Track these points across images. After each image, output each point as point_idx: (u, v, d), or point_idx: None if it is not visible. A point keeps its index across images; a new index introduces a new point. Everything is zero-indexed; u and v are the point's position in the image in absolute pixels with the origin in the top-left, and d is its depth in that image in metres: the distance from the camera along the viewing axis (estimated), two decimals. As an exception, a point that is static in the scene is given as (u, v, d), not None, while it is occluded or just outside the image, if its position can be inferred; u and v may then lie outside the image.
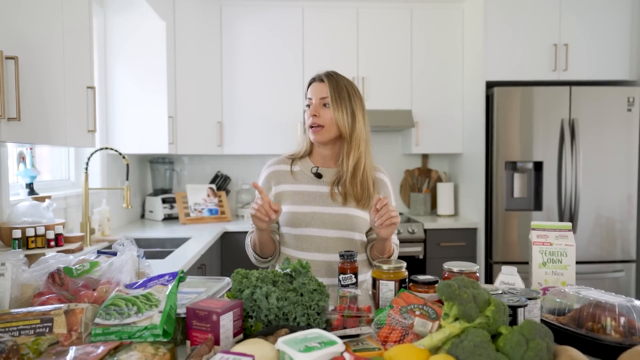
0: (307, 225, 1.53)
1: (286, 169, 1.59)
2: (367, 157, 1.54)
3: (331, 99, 1.48)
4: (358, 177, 1.52)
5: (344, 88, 1.51)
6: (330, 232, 1.53)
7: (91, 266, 1.36)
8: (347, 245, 1.54)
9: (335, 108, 1.48)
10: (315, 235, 1.53)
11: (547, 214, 3.14)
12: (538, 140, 3.11)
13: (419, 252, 3.27)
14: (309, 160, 1.60)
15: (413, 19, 3.56)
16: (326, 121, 1.49)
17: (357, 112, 1.51)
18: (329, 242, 1.53)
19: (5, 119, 1.22)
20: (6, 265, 1.08)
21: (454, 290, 0.91)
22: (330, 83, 1.50)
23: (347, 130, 1.49)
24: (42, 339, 0.92)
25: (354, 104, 1.51)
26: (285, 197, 1.56)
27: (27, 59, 1.37)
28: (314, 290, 1.11)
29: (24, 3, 1.38)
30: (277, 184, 1.58)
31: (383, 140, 3.93)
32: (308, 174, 1.57)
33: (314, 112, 1.49)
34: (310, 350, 0.85)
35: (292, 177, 1.58)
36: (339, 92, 1.49)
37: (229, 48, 3.49)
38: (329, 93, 1.49)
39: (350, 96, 1.51)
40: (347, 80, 1.54)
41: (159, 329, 0.96)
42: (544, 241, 1.23)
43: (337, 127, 1.49)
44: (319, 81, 1.53)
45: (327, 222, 1.52)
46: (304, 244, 1.54)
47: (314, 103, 1.51)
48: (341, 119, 1.48)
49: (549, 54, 3.19)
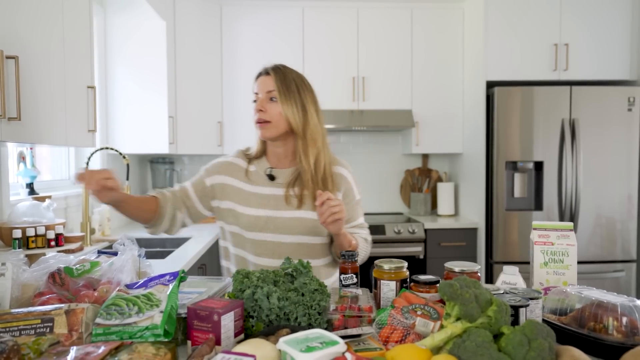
0: (261, 229, 1.44)
1: (242, 166, 1.50)
2: (325, 153, 1.45)
3: (278, 92, 1.39)
4: (320, 175, 1.43)
5: (292, 81, 1.41)
6: (285, 237, 1.44)
7: (92, 266, 1.35)
8: (304, 251, 1.46)
9: (283, 101, 1.39)
10: (269, 240, 1.44)
11: (547, 213, 3.13)
12: (538, 140, 3.11)
13: (420, 252, 3.27)
14: (265, 160, 1.50)
15: (413, 19, 3.56)
16: (273, 116, 1.40)
17: (308, 105, 1.41)
18: (284, 247, 1.44)
19: (5, 118, 1.22)
20: (7, 265, 1.08)
21: (455, 290, 0.91)
22: (276, 76, 1.41)
23: (299, 125, 1.40)
24: (42, 339, 0.91)
25: (304, 97, 1.41)
26: (235, 194, 1.46)
27: (28, 58, 1.37)
28: (315, 290, 1.11)
29: (24, 3, 1.38)
30: (229, 175, 1.48)
31: (383, 140, 3.93)
32: (263, 175, 1.48)
33: (260, 106, 1.40)
34: (312, 350, 0.84)
35: (246, 177, 1.48)
36: (287, 85, 1.40)
37: (229, 48, 3.49)
38: (275, 86, 1.40)
39: (299, 89, 1.41)
40: (296, 73, 1.45)
41: (159, 329, 0.95)
42: (545, 241, 1.23)
43: (287, 122, 1.40)
44: (265, 74, 1.44)
45: (281, 227, 1.44)
46: (259, 249, 1.45)
47: (260, 97, 1.42)
48: (291, 113, 1.39)
49: (550, 53, 3.19)
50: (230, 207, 1.46)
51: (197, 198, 1.48)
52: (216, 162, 1.52)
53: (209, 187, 1.48)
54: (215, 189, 1.48)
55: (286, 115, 1.38)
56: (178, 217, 1.47)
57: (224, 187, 1.47)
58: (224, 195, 1.47)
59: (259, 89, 1.43)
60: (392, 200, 3.96)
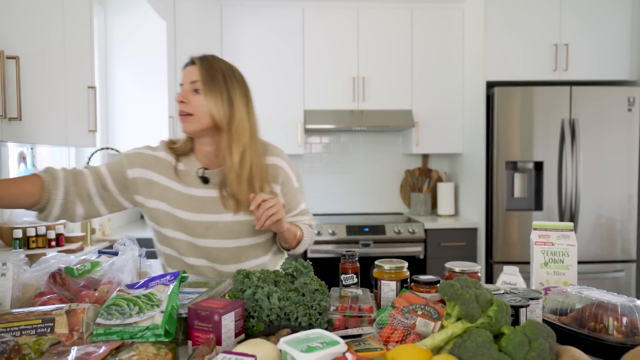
0: (200, 236, 1.35)
1: (170, 163, 1.37)
2: (253, 151, 1.33)
3: (202, 82, 1.27)
4: (245, 174, 1.31)
5: (219, 71, 1.30)
6: (227, 242, 1.36)
7: (92, 266, 1.36)
8: (249, 251, 1.39)
9: (207, 93, 1.27)
10: (210, 246, 1.36)
11: (547, 213, 3.14)
12: (538, 140, 3.11)
13: (420, 252, 3.27)
14: (195, 159, 1.38)
15: (413, 19, 3.56)
16: (196, 109, 1.28)
17: (235, 98, 1.31)
18: (228, 252, 1.37)
19: (6, 118, 1.22)
20: (7, 265, 1.08)
21: (456, 290, 0.91)
22: (202, 65, 1.30)
23: (223, 120, 1.29)
24: (43, 339, 0.91)
25: (232, 89, 1.31)
26: (167, 195, 1.35)
27: (28, 58, 1.37)
28: (315, 290, 1.11)
29: (25, 3, 1.38)
30: (156, 172, 1.35)
31: (383, 140, 3.93)
32: (194, 177, 1.36)
33: (182, 97, 1.28)
34: (313, 350, 0.85)
35: (176, 176, 1.36)
36: (212, 76, 1.29)
37: (230, 48, 3.49)
38: (199, 76, 1.28)
39: (226, 80, 1.30)
40: (226, 64, 1.34)
41: (160, 329, 0.96)
42: (545, 241, 1.23)
43: (210, 115, 1.28)
44: (191, 64, 1.32)
45: (223, 232, 1.35)
46: (199, 253, 1.38)
47: (184, 88, 1.30)
48: (214, 106, 1.27)
49: (550, 54, 3.19)
50: (164, 209, 1.35)
51: (116, 189, 1.32)
52: (139, 153, 1.37)
53: (131, 179, 1.33)
54: (138, 184, 1.34)
55: (209, 108, 1.27)
56: (78, 203, 1.28)
57: (150, 185, 1.34)
58: (152, 193, 1.35)
59: (183, 79, 1.32)
60: (392, 200, 3.96)
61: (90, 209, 1.30)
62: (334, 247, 3.22)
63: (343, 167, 3.92)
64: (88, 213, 1.31)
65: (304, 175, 3.90)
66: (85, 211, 1.30)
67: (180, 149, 1.37)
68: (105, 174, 1.31)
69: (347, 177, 3.92)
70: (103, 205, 1.33)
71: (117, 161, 1.34)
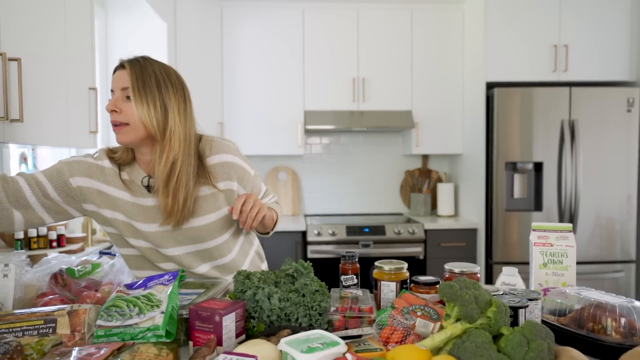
0: (160, 245, 1.30)
1: (115, 171, 1.29)
2: (184, 160, 1.24)
3: (132, 89, 1.18)
4: (171, 185, 1.22)
5: (152, 75, 1.21)
6: (188, 247, 1.32)
7: (93, 267, 1.36)
8: (214, 252, 1.36)
9: (137, 100, 1.18)
10: (171, 254, 1.32)
11: (547, 214, 3.14)
12: (538, 141, 3.12)
13: (420, 253, 3.28)
14: (138, 168, 1.30)
15: (413, 20, 3.57)
16: (130, 117, 1.19)
17: (170, 104, 1.22)
18: (191, 257, 1.33)
19: (8, 120, 1.22)
20: (10, 266, 1.09)
21: (455, 291, 0.92)
22: (132, 70, 1.20)
23: (157, 129, 1.20)
24: (45, 340, 0.92)
25: (166, 95, 1.22)
26: (119, 206, 1.28)
27: (30, 60, 1.38)
28: (315, 291, 1.11)
29: (27, 5, 1.39)
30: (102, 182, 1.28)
31: (383, 141, 3.94)
32: (140, 185, 1.29)
33: (112, 106, 1.19)
34: (313, 351, 0.85)
35: (123, 185, 1.29)
36: (144, 81, 1.19)
37: (230, 49, 3.50)
38: (129, 82, 1.19)
39: (159, 85, 1.21)
40: (160, 67, 1.24)
41: (161, 330, 0.96)
42: (544, 242, 1.24)
43: (143, 125, 1.20)
44: (121, 68, 1.22)
45: (181, 239, 1.31)
46: (166, 259, 1.34)
47: (114, 96, 1.21)
48: (147, 115, 1.18)
49: (549, 54, 3.20)
50: (122, 219, 1.29)
51: (59, 197, 1.25)
52: (80, 162, 1.28)
53: (75, 188, 1.26)
54: (86, 193, 1.27)
55: (140, 117, 1.19)
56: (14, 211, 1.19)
57: (100, 194, 1.28)
58: (104, 203, 1.28)
59: (113, 85, 1.22)
60: (392, 200, 3.97)
61: (31, 217, 1.22)
62: (333, 247, 3.23)
63: (343, 167, 3.93)
64: (29, 221, 1.23)
65: (304, 176, 3.91)
66: (26, 220, 1.22)
67: (121, 158, 1.30)
68: (45, 182, 1.23)
69: (347, 177, 3.93)
70: (46, 214, 1.25)
71: (56, 169, 1.26)
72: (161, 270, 1.36)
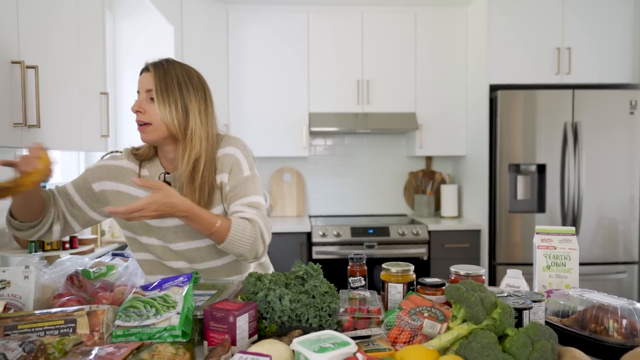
0: (171, 240, 1.35)
1: (134, 170, 1.36)
2: (207, 157, 1.31)
3: (156, 91, 1.25)
4: (197, 181, 1.30)
5: (175, 78, 1.28)
6: (198, 242, 1.37)
7: (108, 270, 1.40)
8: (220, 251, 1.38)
9: (160, 102, 1.25)
10: (182, 249, 1.37)
11: (550, 215, 3.17)
12: (541, 143, 3.15)
13: (423, 254, 3.30)
14: (159, 164, 1.37)
15: (417, 23, 3.59)
16: (153, 118, 1.26)
17: (191, 105, 1.29)
18: (201, 252, 1.38)
19: (26, 126, 1.26)
20: (30, 268, 1.13)
21: (462, 293, 0.95)
22: (156, 73, 1.27)
23: (177, 129, 1.27)
24: (66, 339, 0.96)
25: (187, 97, 1.28)
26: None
27: (46, 67, 1.42)
28: (325, 292, 1.15)
29: (43, 13, 1.42)
30: (120, 182, 1.35)
31: (387, 142, 3.97)
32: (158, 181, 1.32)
33: (137, 107, 1.27)
34: (325, 350, 0.88)
35: None
36: (166, 83, 1.26)
37: (236, 51, 3.53)
38: (153, 85, 1.26)
39: (181, 87, 1.28)
40: (182, 69, 1.31)
41: (178, 330, 1.00)
42: (548, 245, 1.27)
43: (165, 125, 1.27)
44: (146, 71, 1.29)
45: (191, 234, 1.35)
46: (177, 257, 1.39)
47: (139, 97, 1.29)
48: (169, 115, 1.26)
49: (552, 57, 3.22)
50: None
51: (86, 204, 1.34)
52: (102, 166, 1.37)
53: (99, 192, 1.34)
54: (108, 196, 1.35)
55: (163, 118, 1.26)
56: (56, 224, 1.32)
57: (119, 195, 1.35)
58: (121, 203, 1.34)
59: (139, 87, 1.30)
60: (395, 202, 4.00)
61: (65, 227, 1.34)
62: (338, 248, 3.26)
63: (347, 169, 3.96)
64: (64, 232, 1.34)
65: (309, 177, 3.94)
66: (61, 230, 1.33)
67: (143, 154, 1.37)
68: (72, 192, 1.34)
69: (351, 178, 3.96)
70: (76, 223, 1.36)
71: (82, 177, 1.35)
72: (173, 270, 1.41)
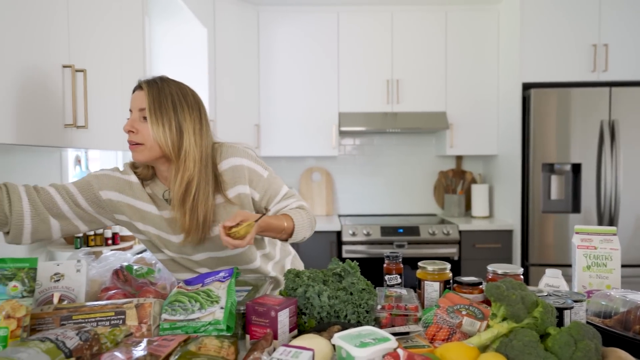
0: (191, 253, 1.38)
1: (139, 186, 1.33)
2: (201, 178, 1.26)
3: (149, 110, 1.21)
4: (187, 204, 1.25)
5: (169, 97, 1.23)
6: (219, 253, 1.39)
7: (148, 272, 1.46)
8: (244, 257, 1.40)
9: (153, 122, 1.21)
10: (205, 258, 1.40)
11: (585, 216, 3.10)
12: (576, 142, 3.08)
13: (454, 254, 3.28)
14: (159, 182, 1.35)
15: (448, 21, 3.57)
16: (146, 138, 1.22)
17: (185, 125, 1.24)
18: (222, 261, 1.40)
19: (75, 127, 1.32)
20: (82, 262, 1.18)
21: (502, 291, 0.95)
22: (150, 91, 1.23)
23: (172, 150, 1.23)
24: (118, 330, 1.00)
25: (181, 116, 1.24)
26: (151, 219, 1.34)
27: (93, 71, 1.48)
28: (362, 289, 1.16)
29: (90, 19, 1.49)
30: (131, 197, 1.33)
31: (416, 142, 3.95)
32: (162, 199, 1.34)
33: (129, 127, 1.23)
34: (366, 345, 0.90)
35: (149, 198, 1.33)
36: (160, 102, 1.22)
37: (266, 52, 3.58)
38: (146, 104, 1.22)
39: (175, 106, 1.23)
40: (177, 87, 1.27)
41: (222, 324, 1.03)
42: (588, 245, 1.25)
43: (158, 145, 1.23)
44: (139, 89, 1.25)
45: (209, 247, 1.37)
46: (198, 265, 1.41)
47: (132, 116, 1.25)
48: (162, 135, 1.21)
49: (588, 54, 3.15)
50: (154, 232, 1.35)
51: (91, 207, 1.31)
52: (108, 175, 1.34)
53: (105, 200, 1.31)
54: (116, 205, 1.32)
55: (155, 138, 1.22)
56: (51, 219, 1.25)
57: (131, 208, 1.33)
58: (135, 216, 1.34)
59: (132, 105, 1.26)
60: (425, 201, 3.98)
61: (67, 224, 1.28)
62: (367, 247, 3.27)
63: (376, 168, 3.96)
64: (65, 229, 1.29)
65: (338, 177, 3.96)
66: (62, 227, 1.27)
67: (142, 173, 1.34)
68: (75, 192, 1.28)
69: (380, 178, 3.96)
70: (80, 221, 1.31)
71: (86, 181, 1.31)
72: (196, 273, 1.43)
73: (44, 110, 1.22)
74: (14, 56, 1.11)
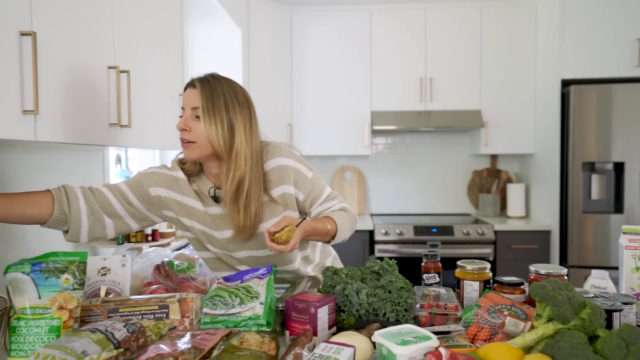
0: (233, 250, 1.39)
1: (186, 182, 1.35)
2: (252, 176, 1.28)
3: (202, 109, 1.22)
4: (241, 202, 1.27)
5: (221, 95, 1.25)
6: (260, 252, 1.40)
7: (189, 267, 1.49)
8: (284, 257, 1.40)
9: (206, 121, 1.22)
10: (244, 257, 1.41)
11: (628, 216, 2.99)
12: (618, 140, 2.97)
13: (489, 254, 3.22)
14: (205, 179, 1.36)
15: (483, 18, 3.50)
16: (198, 136, 1.24)
17: (236, 124, 1.26)
18: (263, 260, 1.41)
19: (119, 126, 1.36)
20: (127, 257, 1.22)
21: (548, 292, 0.93)
22: (203, 90, 1.24)
23: (222, 148, 1.24)
24: (162, 324, 1.03)
25: (233, 115, 1.25)
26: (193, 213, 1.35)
27: (136, 71, 1.52)
28: (401, 287, 1.16)
29: (133, 21, 1.53)
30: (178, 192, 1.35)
31: (450, 140, 3.89)
32: (208, 196, 1.36)
33: (183, 125, 1.24)
34: (407, 343, 0.89)
35: (195, 195, 1.35)
36: (213, 101, 1.23)
37: (299, 52, 3.60)
38: (200, 102, 1.23)
39: (227, 105, 1.25)
40: (229, 85, 1.28)
41: (262, 319, 1.05)
42: (637, 246, 1.21)
43: (210, 143, 1.24)
44: (191, 87, 1.27)
45: (252, 245, 1.38)
46: (239, 263, 1.43)
47: (185, 114, 1.26)
48: (215, 134, 1.23)
49: (632, 49, 3.03)
50: (200, 228, 1.37)
51: (141, 205, 1.33)
52: (157, 173, 1.36)
53: (155, 197, 1.34)
54: (165, 201, 1.34)
55: (208, 137, 1.23)
56: (106, 218, 1.28)
57: (178, 204, 1.35)
58: (182, 212, 1.35)
59: (184, 103, 1.27)
60: (458, 201, 3.92)
61: (120, 224, 1.31)
62: (399, 247, 3.25)
63: (409, 167, 3.92)
64: (119, 228, 1.32)
65: (370, 176, 3.94)
66: (116, 226, 1.30)
67: (189, 170, 1.36)
68: (127, 190, 1.31)
69: (413, 177, 3.92)
70: (132, 220, 1.33)
71: (135, 179, 1.34)
72: (237, 271, 1.44)
73: (90, 109, 1.27)
74: (65, 56, 1.15)
